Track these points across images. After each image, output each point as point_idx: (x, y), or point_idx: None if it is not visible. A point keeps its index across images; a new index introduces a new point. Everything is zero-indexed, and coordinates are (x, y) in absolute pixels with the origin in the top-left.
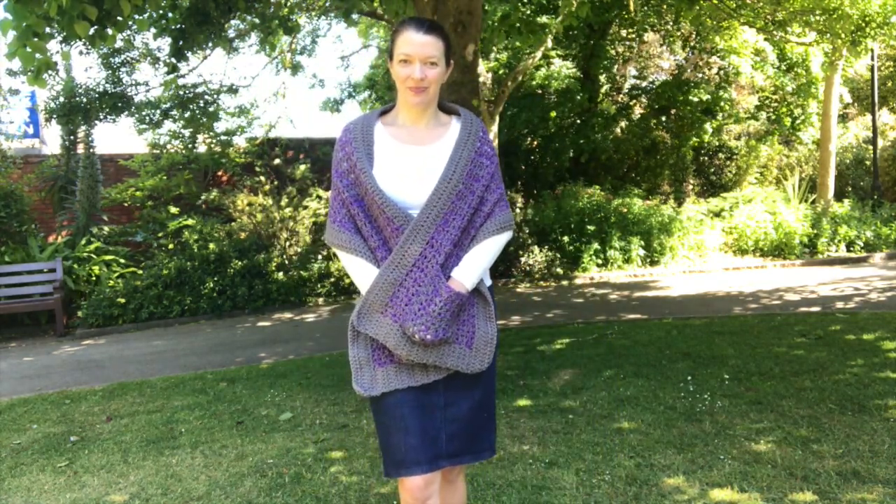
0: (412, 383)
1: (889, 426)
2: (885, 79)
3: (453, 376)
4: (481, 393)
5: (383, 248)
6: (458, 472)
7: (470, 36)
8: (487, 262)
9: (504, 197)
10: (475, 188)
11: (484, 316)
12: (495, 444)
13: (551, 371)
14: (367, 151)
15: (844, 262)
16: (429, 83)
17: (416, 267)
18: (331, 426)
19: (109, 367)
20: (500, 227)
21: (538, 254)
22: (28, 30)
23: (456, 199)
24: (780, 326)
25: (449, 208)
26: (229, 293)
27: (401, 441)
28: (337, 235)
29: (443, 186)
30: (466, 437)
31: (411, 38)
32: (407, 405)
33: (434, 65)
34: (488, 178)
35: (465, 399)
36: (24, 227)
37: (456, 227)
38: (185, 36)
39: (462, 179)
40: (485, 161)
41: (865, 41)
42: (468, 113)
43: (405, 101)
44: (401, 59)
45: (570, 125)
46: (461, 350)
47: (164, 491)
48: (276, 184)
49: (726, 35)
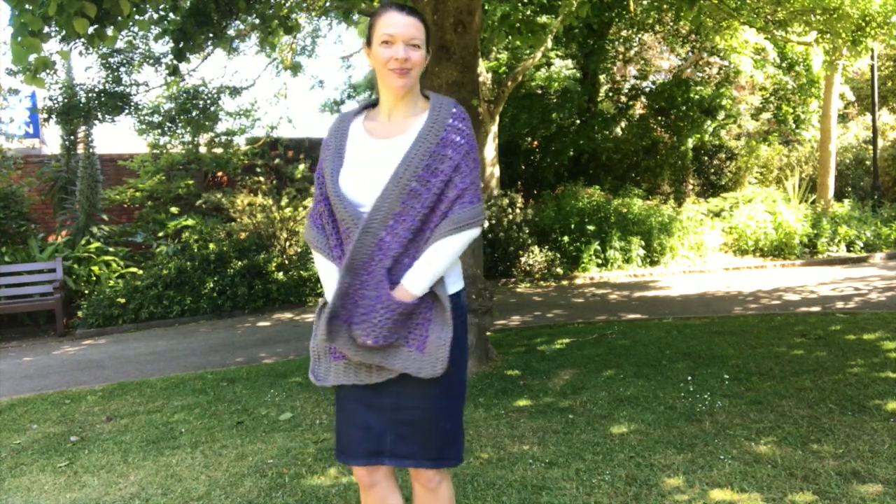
0: (357, 381)
1: (889, 426)
2: (885, 79)
3: (407, 380)
4: (442, 401)
5: (339, 248)
6: (440, 480)
7: (470, 36)
8: (440, 265)
9: (470, 191)
10: (432, 184)
11: (440, 320)
12: (462, 453)
13: (551, 371)
14: (337, 147)
15: (844, 262)
16: (412, 65)
17: (363, 270)
18: (331, 426)
19: (109, 367)
20: (456, 227)
21: (538, 254)
22: (23, 26)
23: (408, 197)
24: (780, 326)
25: (399, 209)
26: (229, 293)
27: (345, 431)
28: (307, 231)
29: (392, 185)
30: (422, 442)
31: (394, 18)
32: (354, 400)
33: (417, 47)
34: (449, 172)
35: (419, 404)
36: (24, 228)
37: (406, 229)
38: (185, 37)
39: (416, 176)
40: (449, 152)
41: (866, 41)
42: (438, 98)
43: (385, 87)
44: (383, 41)
45: (570, 125)
46: (410, 353)
47: (164, 491)
48: (276, 184)
49: (726, 35)
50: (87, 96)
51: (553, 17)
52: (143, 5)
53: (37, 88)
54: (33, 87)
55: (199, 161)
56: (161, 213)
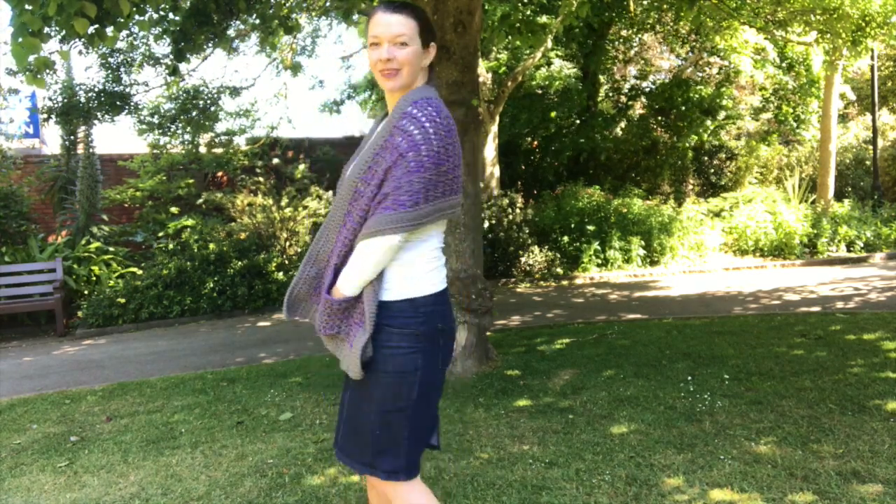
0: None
1: (889, 426)
2: (885, 79)
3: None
4: (376, 406)
5: None
6: (393, 490)
7: (470, 36)
8: (360, 267)
9: (393, 196)
10: (371, 186)
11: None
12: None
13: (551, 371)
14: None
15: (844, 262)
16: (399, 64)
17: (324, 263)
18: (331, 426)
19: (109, 367)
20: (367, 232)
21: (538, 254)
22: (23, 26)
23: (353, 198)
24: (780, 326)
25: (348, 208)
26: (229, 293)
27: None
28: None
29: (345, 185)
30: (360, 443)
31: (379, 19)
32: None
33: (404, 45)
34: (382, 174)
35: (357, 403)
36: (24, 228)
37: (349, 230)
38: (185, 37)
39: (360, 177)
40: (385, 155)
41: (866, 41)
42: (407, 96)
43: (381, 87)
44: (371, 43)
45: (570, 125)
46: (347, 349)
47: (164, 491)
48: (276, 184)
49: (726, 35)
50: (87, 96)
51: (553, 17)
52: (143, 5)
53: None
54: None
55: (200, 161)
56: (161, 213)
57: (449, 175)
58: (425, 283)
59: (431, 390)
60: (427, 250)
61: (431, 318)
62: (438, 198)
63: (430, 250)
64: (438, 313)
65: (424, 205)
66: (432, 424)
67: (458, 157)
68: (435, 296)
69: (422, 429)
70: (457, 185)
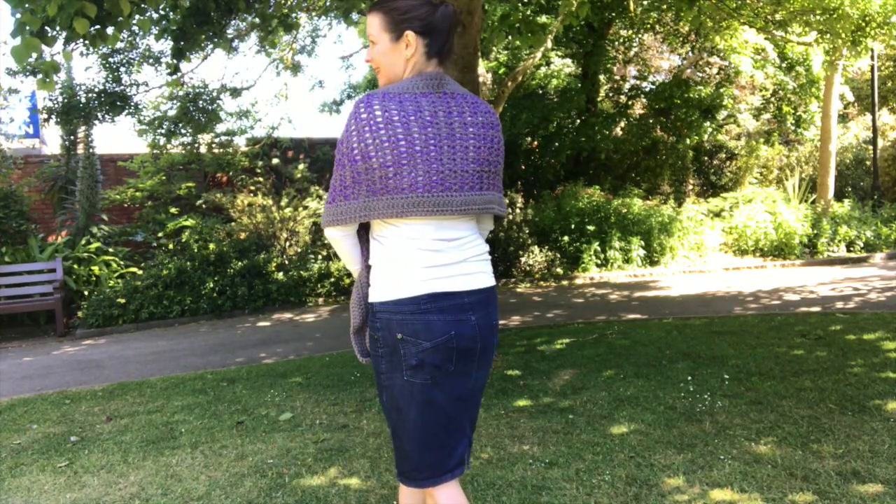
0: None
1: (889, 426)
2: (885, 79)
3: None
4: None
5: None
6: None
7: (470, 36)
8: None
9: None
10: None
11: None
12: (403, 476)
13: (551, 371)
14: None
15: (844, 262)
16: (376, 64)
17: None
18: (331, 426)
19: (109, 367)
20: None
21: (538, 254)
22: (23, 26)
23: None
24: (780, 326)
25: None
26: (229, 293)
27: None
28: None
29: None
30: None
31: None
32: None
33: (374, 44)
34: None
35: None
36: (24, 227)
37: None
38: (185, 37)
39: None
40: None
41: (865, 41)
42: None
43: None
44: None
45: (570, 125)
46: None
47: (164, 491)
48: (276, 184)
49: (726, 35)
50: (87, 96)
51: (553, 17)
52: (143, 5)
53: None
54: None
55: (200, 161)
56: (161, 213)
57: (389, 171)
58: (393, 288)
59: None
60: (401, 252)
61: (386, 328)
62: (373, 194)
63: (407, 251)
64: (397, 322)
65: (343, 202)
66: (442, 434)
67: (409, 154)
68: (396, 303)
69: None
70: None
